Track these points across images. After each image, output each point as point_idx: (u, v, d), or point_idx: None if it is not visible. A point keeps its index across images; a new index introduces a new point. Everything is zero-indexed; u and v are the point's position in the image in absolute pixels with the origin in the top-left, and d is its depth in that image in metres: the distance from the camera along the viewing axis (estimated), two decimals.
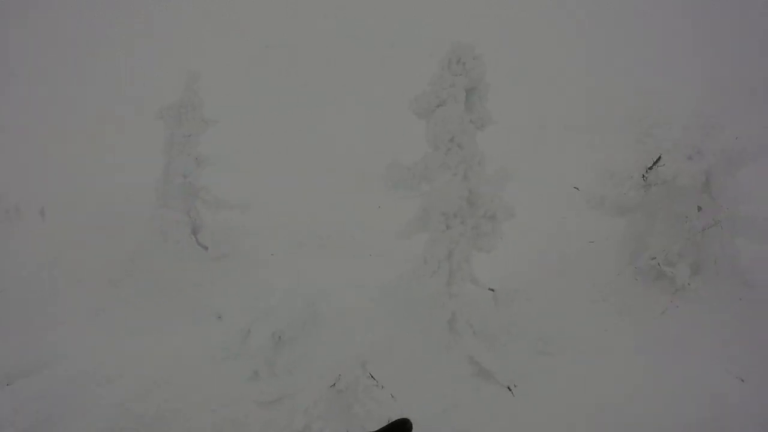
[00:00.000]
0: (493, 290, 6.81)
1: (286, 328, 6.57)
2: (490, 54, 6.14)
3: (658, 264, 7.28)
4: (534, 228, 8.64)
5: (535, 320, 7.03)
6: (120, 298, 8.11)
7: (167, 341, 6.94)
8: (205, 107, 8.99)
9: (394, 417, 2.34)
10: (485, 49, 6.14)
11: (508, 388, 6.25)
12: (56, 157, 11.91)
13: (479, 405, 6.07)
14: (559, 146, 10.10)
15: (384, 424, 1.92)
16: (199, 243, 9.06)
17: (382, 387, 5.88)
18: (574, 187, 8.66)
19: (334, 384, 5.78)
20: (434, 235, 6.35)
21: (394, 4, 16.14)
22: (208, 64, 11.89)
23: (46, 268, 8.47)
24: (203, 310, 7.73)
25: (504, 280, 7.23)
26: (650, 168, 7.23)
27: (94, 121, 13.41)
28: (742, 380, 6.28)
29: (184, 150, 8.95)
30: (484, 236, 6.28)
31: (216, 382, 6.24)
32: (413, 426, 1.90)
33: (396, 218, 7.05)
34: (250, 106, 12.74)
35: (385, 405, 5.70)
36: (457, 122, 5.74)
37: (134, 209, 9.41)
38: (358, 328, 6.70)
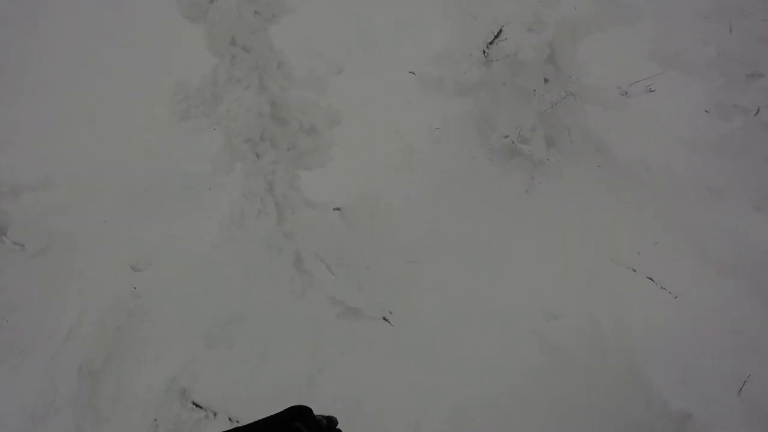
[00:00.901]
0: (339, 209, 5.73)
1: (96, 356, 5.07)
2: None
3: (513, 142, 6.54)
4: (376, 124, 7.52)
5: (394, 229, 6.02)
6: None
7: None
8: None
9: None
10: None
11: (384, 318, 5.29)
12: None
13: (356, 349, 5.09)
14: (393, 38, 8.84)
15: None
16: (15, 243, 6.39)
17: (215, 414, 4.75)
18: (410, 72, 7.61)
19: None
20: (246, 168, 5.08)
21: None
22: None
23: None
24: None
25: (352, 193, 6.13)
26: (491, 43, 6.32)
27: None
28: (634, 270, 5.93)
29: None
30: (309, 154, 5.10)
31: None
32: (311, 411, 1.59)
33: None
34: None
35: None
36: (235, 17, 4.38)
37: None
38: (191, 308, 5.26)
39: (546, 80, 7.00)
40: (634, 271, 5.87)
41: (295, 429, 1.42)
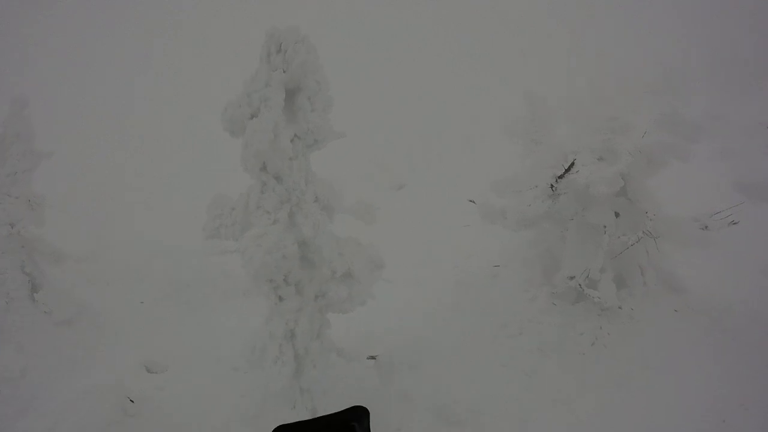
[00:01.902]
0: (373, 358, 4.96)
1: None
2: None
3: (579, 285, 5.64)
4: (430, 253, 6.83)
5: (435, 381, 5.17)
6: None
7: None
8: (36, 138, 6.75)
9: None
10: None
11: None
12: None
13: None
14: (453, 157, 8.31)
15: None
16: (44, 311, 6.51)
17: None
18: (470, 201, 6.93)
19: None
20: (270, 306, 4.47)
21: None
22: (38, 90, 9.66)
23: None
24: None
25: (388, 336, 5.37)
26: (562, 175, 5.61)
27: None
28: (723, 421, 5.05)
29: (12, 192, 6.65)
30: (341, 303, 4.47)
31: None
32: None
33: None
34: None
35: None
36: (268, 140, 3.88)
37: None
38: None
39: (617, 214, 6.17)
40: None
41: (351, 428, 1.48)
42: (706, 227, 5.87)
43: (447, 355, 5.75)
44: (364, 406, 1.87)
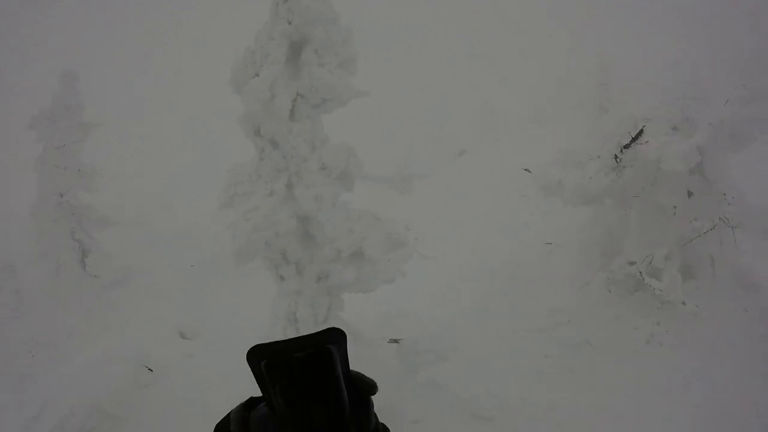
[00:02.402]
0: (396, 341, 4.47)
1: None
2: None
3: (639, 273, 4.95)
4: (476, 227, 6.24)
5: (467, 370, 4.68)
6: None
7: None
8: (85, 109, 7.25)
9: None
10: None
11: None
12: None
13: None
14: (514, 134, 7.59)
15: None
16: (94, 275, 7.14)
17: None
18: (525, 170, 6.26)
19: None
20: (276, 286, 4.13)
21: None
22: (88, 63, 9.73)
23: None
24: None
25: (419, 318, 4.87)
26: (628, 145, 4.89)
27: None
28: None
29: (60, 163, 7.08)
30: (349, 286, 4.03)
31: None
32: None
33: None
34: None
35: None
36: (261, 101, 3.40)
37: None
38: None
39: (690, 194, 5.38)
40: None
41: (327, 351, 1.12)
42: None
43: (484, 340, 5.25)
44: (340, 328, 1.35)
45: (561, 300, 5.60)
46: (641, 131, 5.40)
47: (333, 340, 1.40)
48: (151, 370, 5.14)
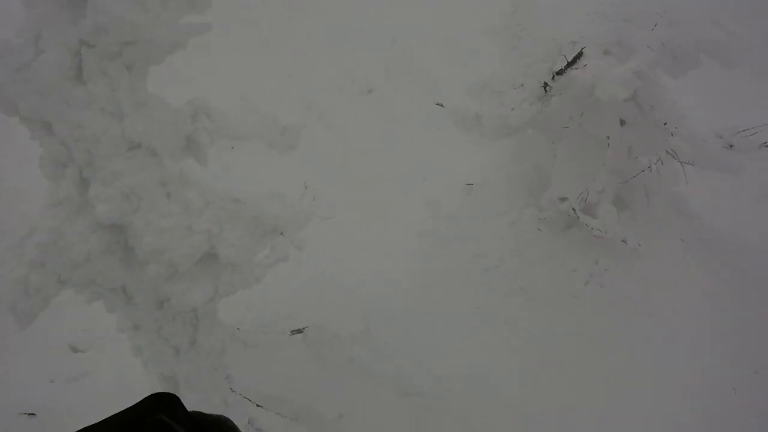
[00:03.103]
0: (300, 332, 3.76)
1: None
2: None
3: (573, 211, 4.34)
4: (385, 171, 5.53)
5: (390, 340, 4.03)
6: None
7: None
8: None
9: None
10: None
11: None
12: None
13: None
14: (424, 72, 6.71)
15: None
16: None
17: None
18: (437, 104, 5.51)
19: None
20: None
21: None
22: None
23: None
24: None
25: (332, 287, 4.18)
26: (562, 70, 4.67)
27: None
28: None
29: None
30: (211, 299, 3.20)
31: None
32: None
33: None
34: None
35: None
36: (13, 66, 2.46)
37: None
38: None
39: (623, 122, 4.81)
40: None
41: (159, 422, 1.18)
42: (731, 146, 4.53)
43: (405, 301, 4.56)
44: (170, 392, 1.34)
45: (487, 243, 5.03)
46: (580, 54, 4.77)
47: (162, 407, 1.30)
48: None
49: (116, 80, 2.80)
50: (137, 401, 1.33)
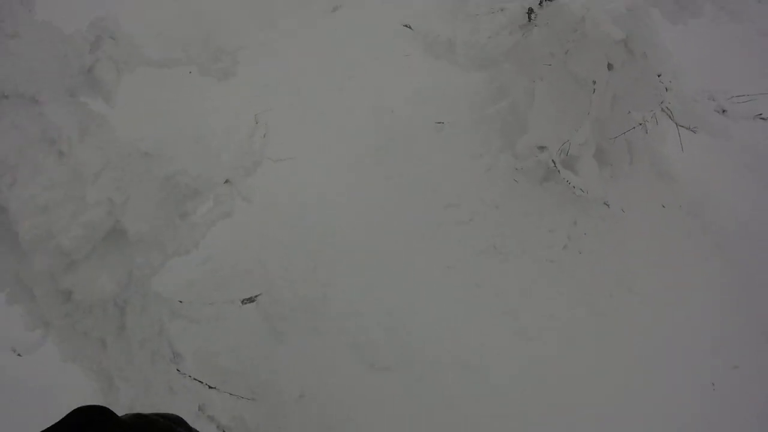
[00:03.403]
0: (252, 300, 3.30)
1: None
2: None
3: (553, 163, 3.92)
4: (346, 102, 4.93)
5: (353, 308, 3.65)
6: None
7: None
8: None
9: None
10: None
11: None
12: None
13: None
14: None
15: None
16: None
17: None
18: (404, 26, 4.87)
19: None
20: None
21: None
22: None
23: None
24: None
25: (288, 245, 3.72)
26: None
27: None
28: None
29: None
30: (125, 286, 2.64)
31: None
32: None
33: None
34: None
35: None
36: None
37: None
38: None
39: (611, 66, 4.35)
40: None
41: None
42: (724, 111, 4.14)
43: (369, 256, 4.12)
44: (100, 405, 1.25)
45: (459, 189, 4.60)
46: None
47: (88, 422, 1.22)
48: None
49: None
50: (60, 418, 1.24)
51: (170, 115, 4.55)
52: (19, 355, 2.90)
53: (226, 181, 3.19)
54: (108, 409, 1.30)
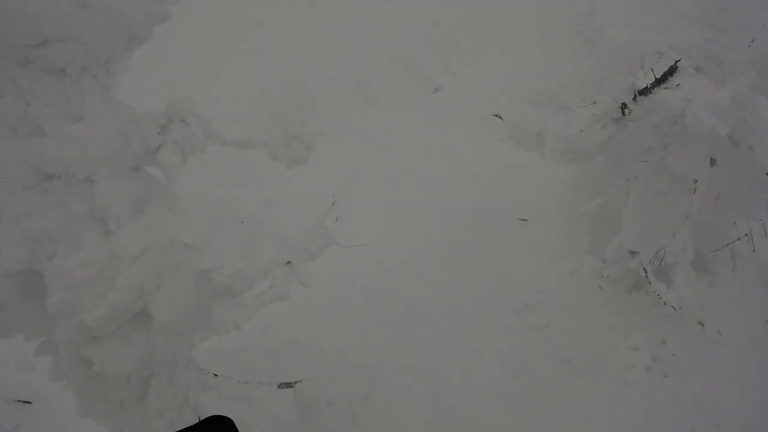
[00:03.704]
0: (289, 386, 3.06)
1: None
2: None
3: (645, 273, 3.42)
4: (421, 192, 4.77)
5: (397, 410, 3.33)
6: None
7: None
8: None
9: None
10: None
11: None
12: None
13: None
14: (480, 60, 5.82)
15: None
16: None
17: None
18: (495, 115, 4.65)
19: None
20: None
21: None
22: None
23: None
24: None
25: (342, 329, 3.52)
26: (648, 88, 3.75)
27: None
28: None
29: None
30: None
31: None
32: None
33: None
34: None
35: None
36: None
37: None
38: None
39: (713, 162, 3.83)
40: None
41: None
42: None
43: (426, 353, 3.80)
44: (224, 416, 1.57)
45: (537, 290, 4.20)
46: (674, 69, 3.80)
47: (217, 429, 1.55)
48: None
49: (30, 90, 2.13)
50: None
51: (235, 196, 4.57)
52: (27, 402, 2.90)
53: (288, 263, 3.10)
54: (232, 422, 1.62)
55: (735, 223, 3.85)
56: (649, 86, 3.87)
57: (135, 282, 2.30)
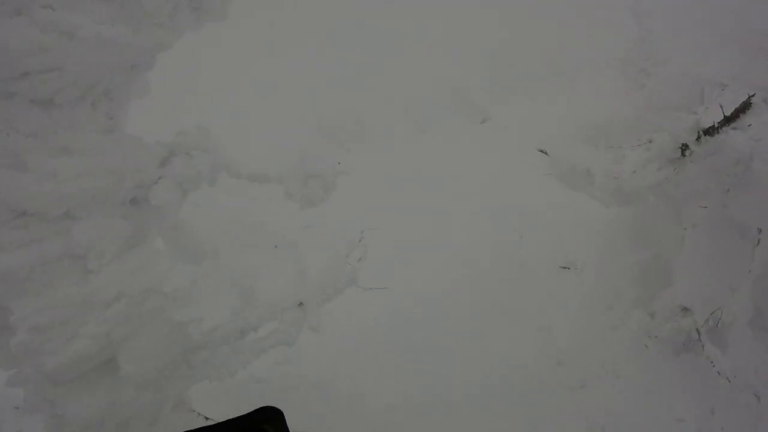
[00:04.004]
0: None
1: None
2: None
3: (698, 334, 3.07)
4: (463, 232, 4.51)
5: None
6: None
7: None
8: None
9: None
10: None
11: None
12: None
13: None
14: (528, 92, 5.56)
15: None
16: None
17: None
18: (541, 151, 4.37)
19: None
20: None
21: None
22: None
23: None
24: None
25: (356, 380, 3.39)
26: (715, 128, 3.43)
27: None
28: None
29: None
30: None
31: None
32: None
33: None
34: None
35: None
36: None
37: None
38: None
39: None
40: None
41: (262, 431, 1.38)
42: None
43: (453, 412, 3.50)
44: (275, 407, 1.60)
45: (576, 346, 3.83)
46: (748, 104, 3.46)
47: (268, 418, 1.56)
48: None
49: (12, 122, 1.99)
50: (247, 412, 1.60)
51: (243, 233, 4.39)
52: None
53: (300, 304, 2.89)
54: (282, 413, 1.61)
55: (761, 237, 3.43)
56: (716, 125, 3.53)
57: (102, 330, 2.14)
